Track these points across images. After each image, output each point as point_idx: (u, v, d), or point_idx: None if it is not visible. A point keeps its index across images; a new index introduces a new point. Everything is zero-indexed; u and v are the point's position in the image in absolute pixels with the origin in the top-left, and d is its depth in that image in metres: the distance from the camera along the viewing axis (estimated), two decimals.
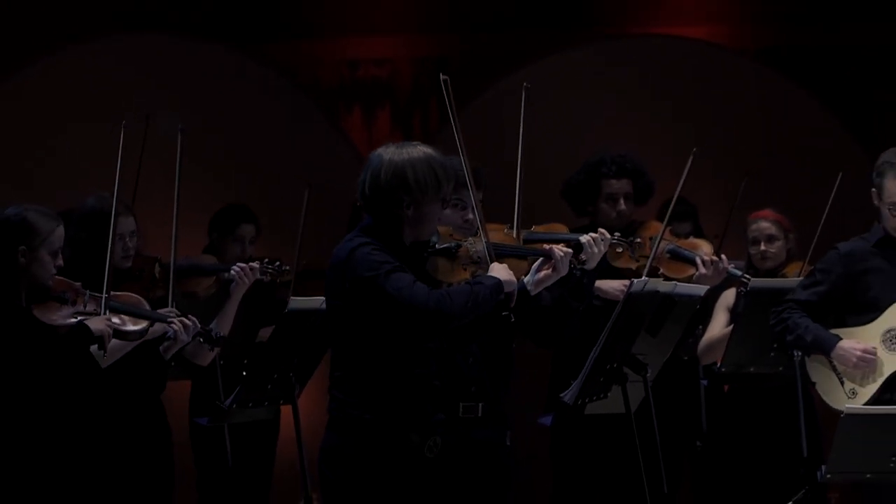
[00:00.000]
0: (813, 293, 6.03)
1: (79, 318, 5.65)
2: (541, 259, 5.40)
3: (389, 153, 5.00)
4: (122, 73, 8.87)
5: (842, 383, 5.99)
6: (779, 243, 7.03)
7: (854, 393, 5.96)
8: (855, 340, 5.90)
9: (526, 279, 5.32)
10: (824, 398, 6.02)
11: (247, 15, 9.44)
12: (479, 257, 5.21)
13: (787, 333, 6.01)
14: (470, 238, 5.31)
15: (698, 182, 8.32)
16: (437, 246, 5.27)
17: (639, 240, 6.47)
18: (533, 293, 5.32)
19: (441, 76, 5.28)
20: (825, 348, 5.95)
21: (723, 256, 6.57)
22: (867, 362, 5.89)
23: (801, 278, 6.54)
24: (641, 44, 9.30)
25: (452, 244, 5.24)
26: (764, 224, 7.05)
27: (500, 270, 5.02)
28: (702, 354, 6.90)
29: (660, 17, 9.55)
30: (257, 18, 9.47)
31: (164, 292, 6.17)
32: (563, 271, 5.35)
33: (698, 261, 6.51)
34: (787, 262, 7.04)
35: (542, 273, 5.32)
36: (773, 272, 6.96)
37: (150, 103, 8.81)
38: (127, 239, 6.18)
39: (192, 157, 8.77)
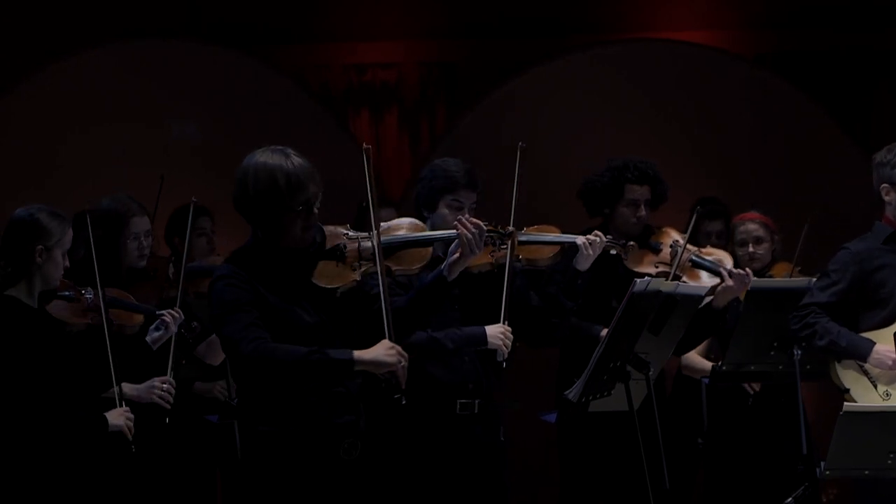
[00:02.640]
0: (832, 294, 6.02)
1: (89, 316, 5.73)
2: (455, 242, 5.28)
3: (245, 161, 4.93)
4: (136, 78, 8.87)
5: (875, 386, 5.97)
6: (766, 245, 7.06)
7: (888, 395, 5.95)
8: (886, 348, 5.87)
9: (443, 266, 5.21)
10: (859, 403, 5.94)
11: (256, 20, 9.48)
12: (370, 254, 5.00)
13: (817, 338, 5.98)
14: (361, 235, 5.08)
15: (698, 186, 8.42)
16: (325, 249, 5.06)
17: (632, 243, 6.51)
18: (450, 278, 5.17)
19: (364, 145, 5.07)
20: (861, 353, 5.93)
21: (747, 269, 6.58)
22: None
23: (800, 277, 6.60)
24: (641, 49, 9.29)
25: (340, 244, 5.03)
26: (752, 226, 7.07)
27: (377, 350, 4.83)
28: (683, 367, 6.96)
29: (658, 23, 9.58)
30: (266, 24, 9.50)
31: (177, 292, 6.16)
32: (475, 251, 5.21)
33: (724, 272, 6.51)
34: (773, 263, 7.07)
35: (454, 256, 5.20)
36: (761, 273, 6.94)
37: (160, 108, 8.90)
38: (142, 238, 6.22)
39: (203, 161, 8.89)
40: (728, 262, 6.61)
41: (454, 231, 5.30)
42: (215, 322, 4.84)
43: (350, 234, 5.07)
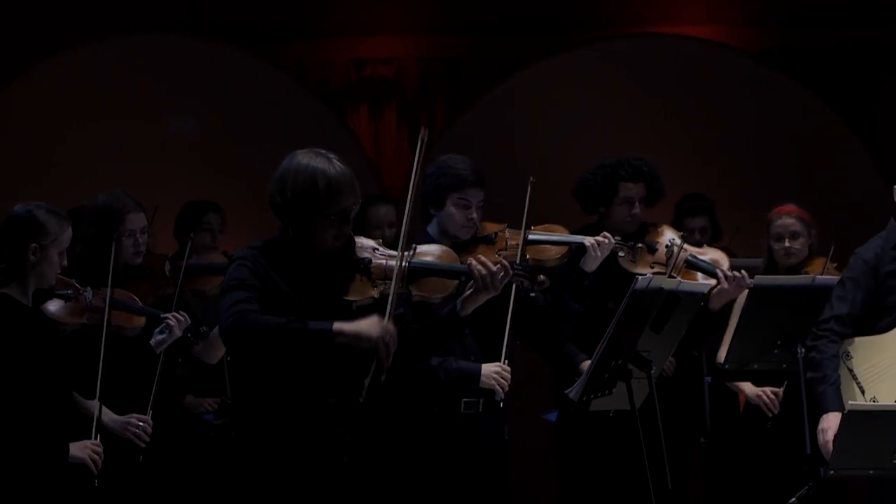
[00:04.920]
0: (853, 304, 5.82)
1: (85, 316, 5.67)
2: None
3: (286, 161, 4.86)
4: (134, 74, 8.86)
5: (863, 392, 5.87)
6: (802, 239, 6.91)
7: (875, 401, 5.83)
8: (837, 425, 5.62)
9: (458, 301, 4.99)
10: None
11: (255, 16, 9.45)
12: (393, 274, 4.87)
13: (811, 368, 5.81)
14: (389, 253, 4.95)
15: (701, 183, 8.39)
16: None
17: (640, 245, 6.46)
18: (463, 314, 4.95)
19: (422, 130, 4.99)
20: (821, 408, 5.74)
21: (743, 272, 6.53)
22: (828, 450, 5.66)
23: (806, 275, 6.55)
24: (644, 45, 9.27)
25: (366, 258, 4.92)
26: (788, 220, 6.94)
27: (362, 322, 4.70)
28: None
29: (661, 19, 9.55)
30: (266, 20, 9.48)
31: (174, 290, 6.14)
32: (490, 290, 4.93)
33: (720, 274, 6.47)
34: (810, 258, 6.94)
35: (468, 292, 4.95)
36: (797, 268, 6.87)
37: (158, 105, 8.88)
38: (137, 235, 6.14)
39: (201, 157, 8.87)
40: (724, 263, 6.56)
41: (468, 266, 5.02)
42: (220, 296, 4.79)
43: (380, 250, 4.97)
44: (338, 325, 4.68)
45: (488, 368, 5.77)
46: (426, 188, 6.01)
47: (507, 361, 5.81)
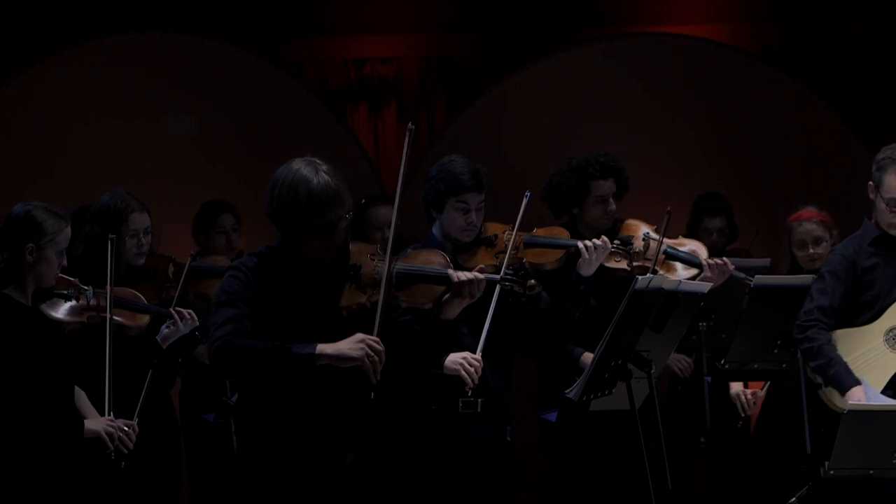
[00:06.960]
0: (833, 296, 5.91)
1: (86, 315, 5.67)
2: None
3: (280, 168, 4.84)
4: (134, 72, 8.86)
5: None
6: (825, 244, 6.86)
7: None
8: (863, 392, 5.74)
9: (438, 310, 4.99)
10: (833, 401, 5.91)
11: (254, 14, 9.44)
12: (380, 280, 4.86)
13: (812, 357, 5.88)
14: (378, 259, 4.94)
15: (702, 182, 8.39)
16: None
17: (638, 250, 6.42)
18: (444, 318, 4.98)
19: (409, 125, 4.98)
20: (840, 387, 5.82)
21: (725, 259, 6.51)
22: None
23: (803, 276, 6.55)
24: (644, 44, 9.25)
25: (357, 263, 4.90)
26: (810, 226, 6.89)
27: (344, 343, 4.70)
28: None
29: (662, 17, 9.54)
30: (265, 18, 9.47)
31: (177, 292, 6.10)
32: (468, 297, 4.96)
33: (704, 264, 6.45)
34: None
35: (446, 297, 4.97)
36: None
37: (159, 103, 8.87)
38: (141, 235, 6.13)
39: (202, 155, 8.87)
40: (703, 252, 6.51)
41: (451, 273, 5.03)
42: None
43: (371, 255, 4.95)
44: (321, 348, 4.70)
45: (452, 356, 5.67)
46: (427, 191, 5.99)
47: (481, 354, 5.73)
